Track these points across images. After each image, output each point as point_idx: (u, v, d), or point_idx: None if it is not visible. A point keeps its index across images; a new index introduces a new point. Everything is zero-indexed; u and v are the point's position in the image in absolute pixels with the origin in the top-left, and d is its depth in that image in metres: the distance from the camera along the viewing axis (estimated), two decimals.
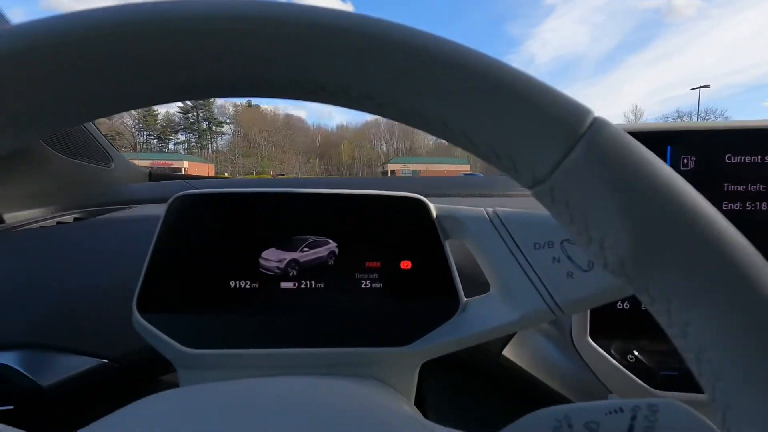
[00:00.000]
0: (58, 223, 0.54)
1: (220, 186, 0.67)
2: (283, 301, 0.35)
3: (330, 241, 0.36)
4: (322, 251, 0.36)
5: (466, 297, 0.36)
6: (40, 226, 0.52)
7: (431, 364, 0.37)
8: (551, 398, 0.43)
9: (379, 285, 0.36)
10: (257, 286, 0.35)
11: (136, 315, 0.34)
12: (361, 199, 0.36)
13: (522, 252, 0.32)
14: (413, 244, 0.36)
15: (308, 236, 0.36)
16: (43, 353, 0.38)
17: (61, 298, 0.41)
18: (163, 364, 0.45)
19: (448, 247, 0.36)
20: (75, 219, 0.56)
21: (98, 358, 0.40)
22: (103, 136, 0.76)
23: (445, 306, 0.36)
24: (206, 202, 0.36)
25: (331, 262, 0.36)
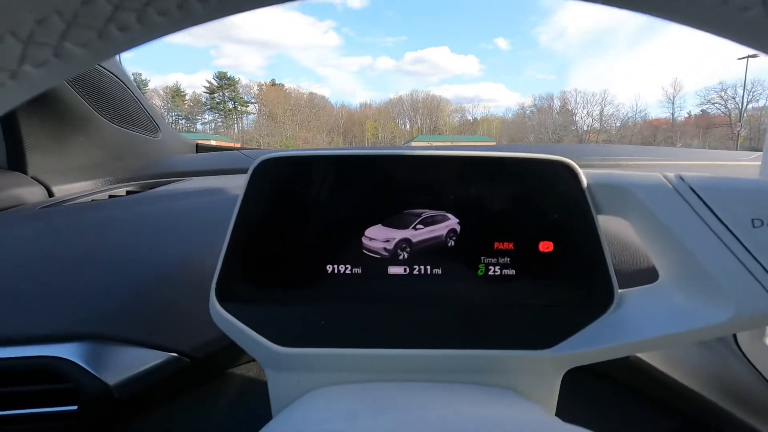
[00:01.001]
0: (110, 196, 0.49)
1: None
2: (392, 290, 0.28)
3: (450, 216, 0.29)
4: (439, 229, 0.29)
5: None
6: (92, 200, 0.47)
7: None
8: (703, 409, 0.35)
9: (511, 272, 0.28)
10: (360, 271, 0.28)
11: (216, 306, 0.28)
12: (491, 164, 0.29)
13: (731, 231, 0.24)
14: (556, 220, 0.28)
15: (423, 210, 0.29)
16: (106, 345, 0.33)
17: (123, 282, 0.36)
18: (236, 357, 0.40)
19: (600, 224, 0.28)
20: (127, 192, 0.51)
21: (167, 351, 0.34)
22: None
23: (596, 299, 0.28)
24: (297, 167, 0.29)
25: (451, 242, 0.29)
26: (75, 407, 0.31)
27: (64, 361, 0.31)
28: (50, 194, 0.55)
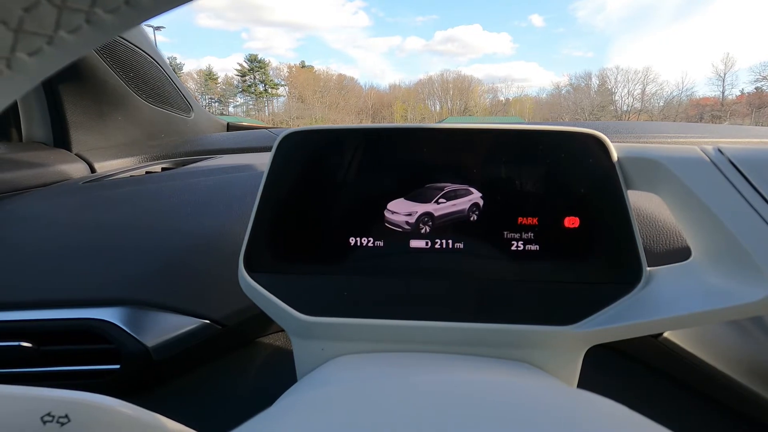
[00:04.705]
0: (147, 172, 0.52)
1: None
2: (414, 263, 0.29)
3: (473, 190, 0.28)
4: (462, 203, 0.29)
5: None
6: (131, 176, 0.49)
7: None
8: (736, 394, 0.34)
9: (534, 247, 0.28)
10: (381, 244, 0.29)
11: (244, 275, 0.29)
12: (516, 136, 0.28)
13: None
14: (583, 195, 0.28)
15: (445, 184, 0.29)
16: (143, 311, 0.35)
17: (161, 251, 0.38)
18: (265, 327, 0.41)
19: (630, 199, 0.27)
20: (162, 169, 0.53)
21: (201, 318, 0.36)
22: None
23: (623, 277, 0.27)
24: (321, 140, 0.29)
25: (473, 217, 0.28)
26: (117, 366, 0.33)
27: (108, 323, 0.33)
28: (92, 170, 0.58)
